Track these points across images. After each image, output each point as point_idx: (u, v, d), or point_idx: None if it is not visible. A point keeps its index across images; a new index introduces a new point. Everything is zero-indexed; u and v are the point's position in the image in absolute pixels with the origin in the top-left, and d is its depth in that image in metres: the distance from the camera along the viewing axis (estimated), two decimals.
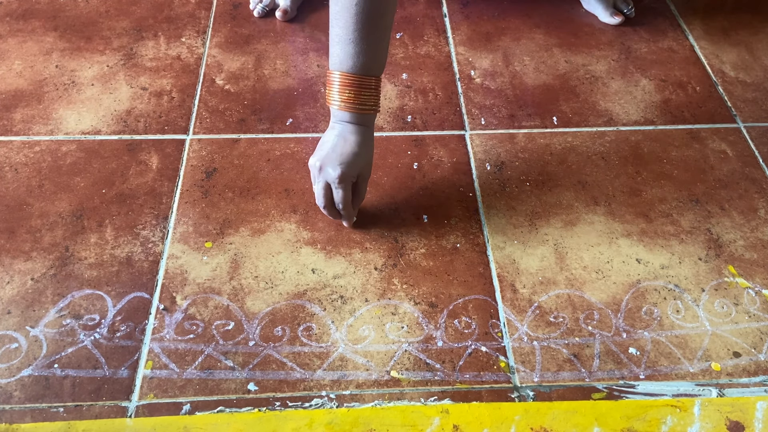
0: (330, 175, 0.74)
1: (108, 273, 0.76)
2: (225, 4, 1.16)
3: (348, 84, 0.72)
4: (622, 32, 1.13)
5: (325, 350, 0.71)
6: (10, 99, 0.97)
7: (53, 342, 0.70)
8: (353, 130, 0.74)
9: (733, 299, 0.76)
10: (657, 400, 0.67)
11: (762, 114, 0.98)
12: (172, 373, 0.68)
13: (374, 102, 0.74)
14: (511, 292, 0.76)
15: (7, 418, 0.65)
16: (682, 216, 0.84)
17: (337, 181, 0.74)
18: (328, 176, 0.74)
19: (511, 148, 0.92)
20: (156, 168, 0.88)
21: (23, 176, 0.87)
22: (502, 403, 0.67)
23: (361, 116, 0.74)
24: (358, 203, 0.79)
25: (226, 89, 1.00)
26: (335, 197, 0.76)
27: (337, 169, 0.73)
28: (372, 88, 0.73)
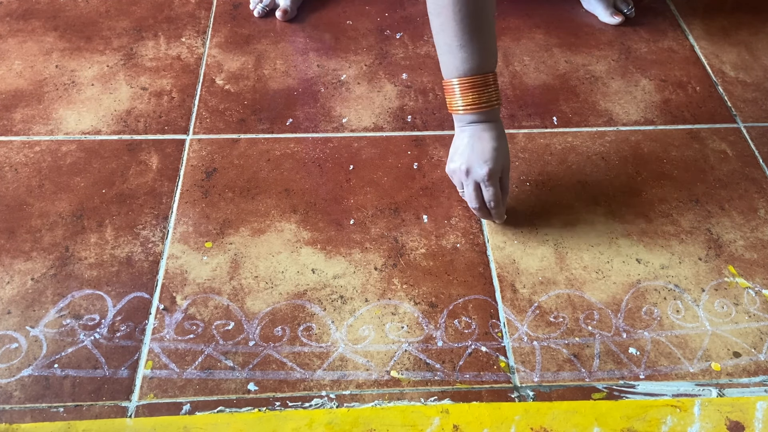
0: (479, 175, 0.75)
1: (108, 273, 0.76)
2: (225, 4, 1.16)
3: (469, 87, 0.74)
4: (622, 32, 1.13)
5: (325, 350, 0.71)
6: (10, 99, 0.97)
7: (53, 342, 0.70)
8: (485, 128, 0.75)
9: (733, 299, 0.76)
10: (657, 400, 0.67)
11: (762, 114, 0.98)
12: (172, 373, 0.68)
13: (497, 96, 0.75)
14: (511, 292, 0.76)
15: (7, 418, 0.65)
16: (682, 216, 0.84)
17: (487, 179, 0.75)
18: (476, 176, 0.76)
19: (511, 148, 0.92)
20: (156, 168, 0.88)
21: (23, 176, 0.87)
22: (502, 403, 0.67)
23: (488, 113, 0.75)
24: (506, 197, 0.80)
25: (226, 89, 1.00)
26: (486, 196, 0.77)
27: (484, 168, 0.74)
28: (492, 84, 0.74)
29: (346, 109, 0.97)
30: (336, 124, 0.95)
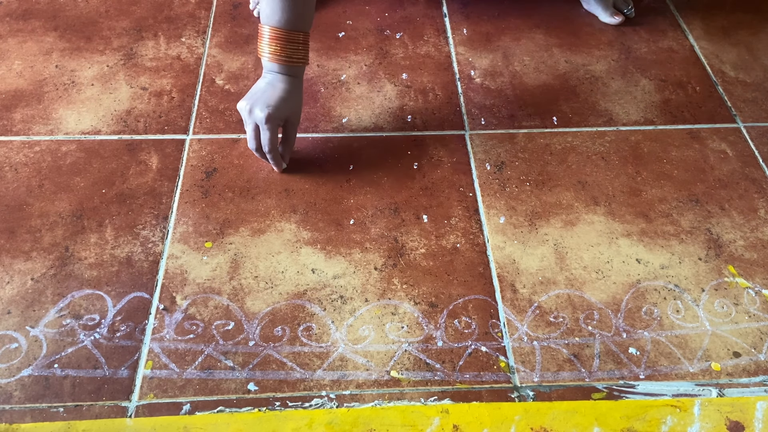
0: (258, 116, 0.80)
1: (108, 273, 0.76)
2: (225, 4, 1.16)
3: (275, 38, 0.79)
4: (622, 32, 1.13)
5: (325, 350, 0.71)
6: (10, 99, 0.97)
7: (53, 342, 0.70)
8: (282, 79, 0.81)
9: (733, 299, 0.76)
10: (657, 400, 0.67)
11: (762, 114, 0.98)
12: (172, 373, 0.68)
13: (302, 55, 0.81)
14: (511, 292, 0.76)
15: (7, 418, 0.65)
16: (682, 216, 0.84)
17: (264, 122, 0.80)
18: (256, 117, 0.80)
19: (511, 148, 0.92)
20: (156, 168, 0.88)
21: (23, 176, 0.87)
22: (502, 403, 0.67)
23: (289, 68, 0.81)
24: (288, 149, 0.86)
25: (226, 89, 1.00)
26: (262, 138, 0.82)
27: (264, 111, 0.79)
28: (299, 42, 0.80)
29: (346, 109, 0.97)
30: (336, 124, 0.95)
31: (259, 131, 0.82)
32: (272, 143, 0.82)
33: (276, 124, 0.81)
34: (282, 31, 0.79)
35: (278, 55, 0.80)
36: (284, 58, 0.80)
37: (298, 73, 0.82)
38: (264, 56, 0.81)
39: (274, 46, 0.79)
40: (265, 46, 0.80)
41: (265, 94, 0.80)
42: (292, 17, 0.78)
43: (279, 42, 0.79)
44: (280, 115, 0.80)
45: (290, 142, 0.85)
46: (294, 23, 0.79)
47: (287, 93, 0.81)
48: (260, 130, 0.81)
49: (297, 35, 0.80)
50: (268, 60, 0.80)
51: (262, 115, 0.79)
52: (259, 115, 0.80)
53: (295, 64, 0.81)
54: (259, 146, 0.83)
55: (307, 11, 0.80)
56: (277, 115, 0.80)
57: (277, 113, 0.80)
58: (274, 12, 0.78)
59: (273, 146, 0.82)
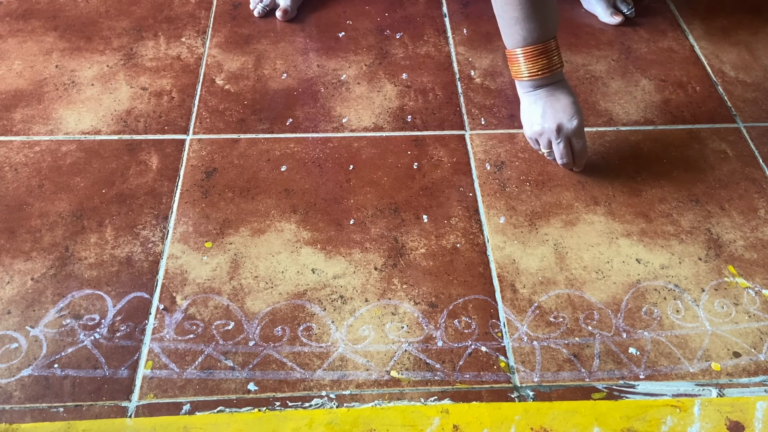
0: (569, 129, 0.81)
1: (108, 273, 0.76)
2: (225, 4, 1.16)
3: (537, 54, 0.79)
4: (622, 32, 1.13)
5: (325, 350, 0.71)
6: (10, 99, 0.97)
7: (53, 342, 0.70)
8: (557, 87, 0.81)
9: (733, 299, 0.76)
10: (657, 400, 0.67)
11: (762, 114, 0.98)
12: (172, 373, 0.68)
13: (559, 59, 0.81)
14: (511, 292, 0.76)
15: (7, 418, 0.65)
16: (682, 216, 0.84)
17: (579, 130, 0.81)
18: (568, 131, 0.81)
19: (511, 148, 0.92)
20: (156, 168, 0.88)
21: (23, 176, 0.87)
22: (502, 403, 0.67)
23: (555, 75, 0.81)
24: None
25: (226, 89, 1.00)
26: (578, 146, 0.82)
27: (574, 121, 0.80)
28: (554, 49, 0.80)
29: (346, 109, 0.97)
30: (336, 124, 0.95)
31: (570, 145, 0.82)
32: (586, 146, 0.84)
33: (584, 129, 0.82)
34: (541, 45, 0.79)
35: (546, 69, 0.80)
36: (552, 67, 0.80)
37: (563, 76, 0.82)
38: (532, 77, 0.80)
39: (540, 62, 0.79)
40: (530, 65, 0.80)
41: (557, 108, 0.80)
42: (547, 28, 0.78)
43: (542, 56, 0.79)
44: (583, 119, 0.81)
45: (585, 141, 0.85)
46: (549, 32, 0.79)
47: (572, 96, 0.81)
48: (572, 142, 0.82)
49: (550, 44, 0.80)
50: (536, 78, 0.80)
51: (573, 125, 0.80)
52: (570, 127, 0.80)
53: (560, 68, 0.81)
54: (570, 158, 0.84)
55: (555, 15, 0.80)
56: (582, 120, 0.81)
57: (582, 118, 0.81)
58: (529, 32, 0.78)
59: (586, 149, 0.84)
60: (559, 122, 0.80)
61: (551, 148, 0.84)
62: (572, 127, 0.80)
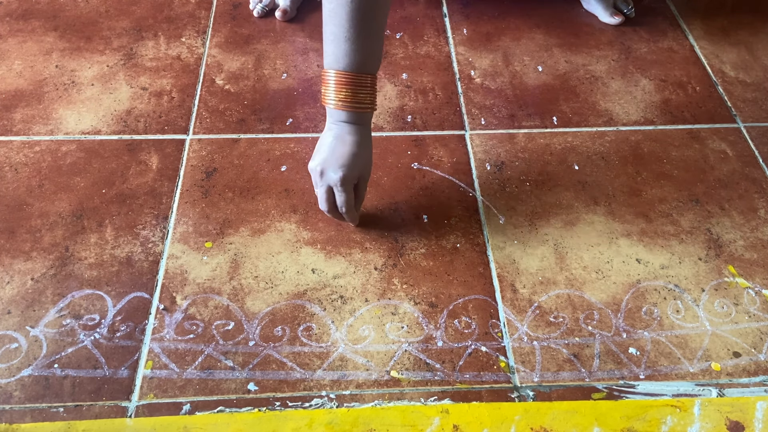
0: (332, 179, 0.73)
1: (108, 273, 0.76)
2: (225, 4, 1.16)
3: (344, 83, 0.71)
4: (622, 32, 1.13)
5: (325, 350, 0.71)
6: (10, 99, 0.97)
7: (53, 342, 0.70)
8: (351, 131, 0.73)
9: (733, 299, 0.76)
10: (657, 400, 0.67)
11: (762, 114, 0.98)
12: (172, 373, 0.68)
13: (371, 100, 0.73)
14: (511, 292, 0.76)
15: (7, 418, 0.65)
16: (682, 216, 0.84)
17: (339, 185, 0.73)
18: (329, 180, 0.74)
19: (511, 148, 0.92)
20: (156, 168, 0.88)
21: (23, 176, 0.87)
22: (502, 403, 0.67)
23: (358, 115, 0.73)
24: (359, 204, 0.79)
25: (226, 89, 1.00)
26: (338, 201, 0.75)
27: (338, 172, 0.73)
28: (368, 86, 0.72)
29: None
30: None
31: (333, 193, 0.75)
32: (349, 204, 0.76)
33: (351, 185, 0.74)
34: (350, 75, 0.71)
35: (347, 102, 0.72)
36: (354, 104, 0.72)
37: (367, 120, 0.75)
38: (329, 104, 0.73)
39: (342, 92, 0.71)
40: (332, 92, 0.72)
41: (336, 152, 0.73)
42: (362, 58, 0.71)
43: (347, 87, 0.71)
44: (355, 174, 0.74)
45: (361, 196, 0.78)
46: (363, 65, 0.71)
47: (358, 147, 0.73)
48: (335, 192, 0.75)
49: (365, 78, 0.72)
50: (335, 107, 0.73)
51: (336, 177, 0.73)
52: (332, 177, 0.73)
53: (364, 110, 0.73)
54: (332, 208, 0.77)
55: (377, 50, 0.73)
56: (351, 175, 0.73)
57: (350, 173, 0.73)
58: (342, 54, 0.70)
59: (350, 206, 0.76)
60: (323, 167, 0.73)
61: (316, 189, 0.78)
62: (335, 178, 0.73)
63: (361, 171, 0.75)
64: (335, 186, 0.74)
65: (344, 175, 0.73)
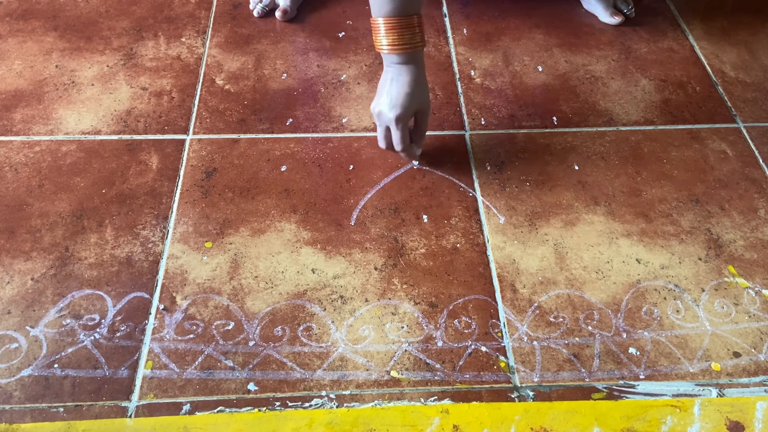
0: (387, 118, 0.80)
1: (108, 273, 0.76)
2: (225, 4, 1.16)
3: (392, 27, 0.76)
4: (622, 32, 1.13)
5: (325, 350, 0.71)
6: (10, 99, 0.97)
7: (53, 342, 0.70)
8: (403, 71, 0.79)
9: (733, 299, 0.76)
10: (657, 400, 0.67)
11: (762, 114, 0.98)
12: (172, 373, 0.68)
13: (419, 39, 0.78)
14: (511, 292, 0.76)
15: (7, 418, 0.65)
16: (682, 216, 0.84)
17: (395, 122, 0.79)
18: (385, 119, 0.80)
19: (511, 148, 0.92)
20: (156, 168, 0.88)
21: (23, 176, 0.87)
22: (502, 403, 0.67)
23: (408, 55, 0.78)
24: (421, 140, 0.85)
25: (226, 89, 1.00)
26: (393, 138, 0.81)
27: (392, 112, 0.79)
28: (415, 26, 0.77)
29: (346, 109, 0.97)
30: (336, 124, 0.95)
31: (390, 131, 0.81)
32: (404, 142, 0.81)
33: (405, 123, 0.80)
34: (397, 19, 0.76)
35: (397, 45, 0.77)
36: (404, 46, 0.77)
37: (418, 58, 0.79)
38: (383, 49, 0.78)
39: (391, 36, 0.77)
40: (383, 38, 0.77)
41: (391, 92, 0.79)
42: (406, 2, 0.76)
43: (396, 31, 0.77)
44: (408, 112, 0.80)
45: (422, 130, 0.84)
46: (407, 8, 0.76)
47: (412, 85, 0.79)
48: (391, 131, 0.81)
49: (412, 19, 0.77)
50: (388, 52, 0.78)
51: (391, 115, 0.79)
52: (387, 116, 0.79)
53: (414, 49, 0.78)
54: (389, 145, 0.83)
55: None
56: (405, 113, 0.79)
57: (404, 111, 0.79)
58: (388, 2, 0.75)
59: (405, 144, 0.82)
60: (380, 108, 0.80)
61: None
62: (390, 116, 0.79)
63: (418, 106, 0.81)
64: (390, 124, 0.80)
65: (398, 114, 0.79)
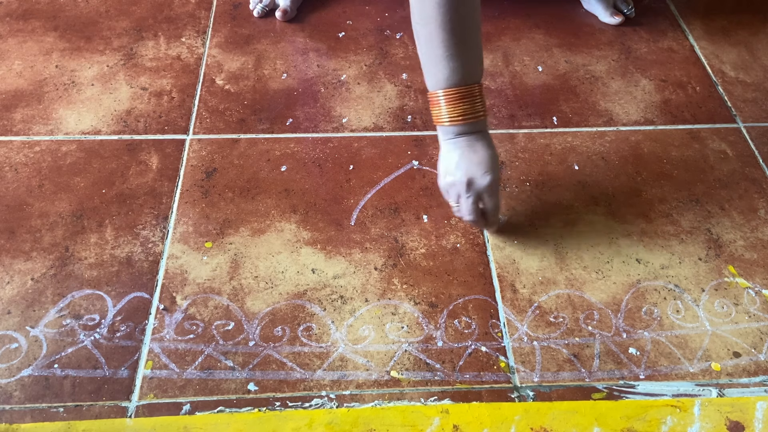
0: (481, 185, 0.73)
1: (108, 273, 0.76)
2: (225, 4, 1.16)
3: (460, 97, 0.71)
4: (622, 32, 1.13)
5: (325, 350, 0.71)
6: (10, 99, 0.97)
7: (53, 342, 0.70)
8: (477, 138, 0.73)
9: (733, 299, 0.76)
10: (657, 400, 0.67)
11: (762, 114, 0.98)
12: (172, 373, 0.68)
13: (483, 107, 0.73)
14: (511, 292, 0.76)
15: (7, 418, 0.65)
16: (682, 216, 0.84)
17: (491, 189, 0.73)
18: (479, 187, 0.73)
19: (511, 148, 0.92)
20: (156, 168, 0.88)
21: (23, 176, 0.87)
22: (502, 403, 0.67)
23: (477, 124, 0.73)
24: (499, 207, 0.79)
25: (226, 89, 1.00)
26: (489, 205, 0.75)
27: (487, 177, 0.73)
28: (478, 95, 0.73)
29: (346, 109, 0.97)
30: (336, 124, 0.95)
31: (478, 202, 0.75)
32: (498, 206, 0.76)
33: (498, 187, 0.75)
34: (465, 88, 0.71)
35: (467, 115, 0.72)
36: (474, 115, 0.72)
37: (485, 126, 0.74)
38: (452, 123, 0.72)
39: (461, 107, 0.71)
40: (451, 110, 0.72)
41: (474, 160, 0.73)
42: (472, 70, 0.71)
43: (465, 101, 0.71)
44: (498, 176, 0.74)
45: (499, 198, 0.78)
46: (471, 76, 0.72)
47: (491, 149, 0.73)
48: (485, 198, 0.74)
49: (475, 88, 0.72)
50: (456, 124, 0.72)
51: (486, 181, 0.72)
52: (482, 183, 0.73)
53: (480, 118, 0.73)
54: (480, 216, 0.76)
55: (480, 56, 0.73)
56: (498, 177, 0.74)
57: (497, 175, 0.73)
58: (452, 72, 0.70)
59: (498, 209, 0.77)
60: (471, 176, 0.73)
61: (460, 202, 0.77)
62: (484, 184, 0.73)
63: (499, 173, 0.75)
64: (486, 191, 0.74)
65: (493, 178, 0.73)
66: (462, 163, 0.73)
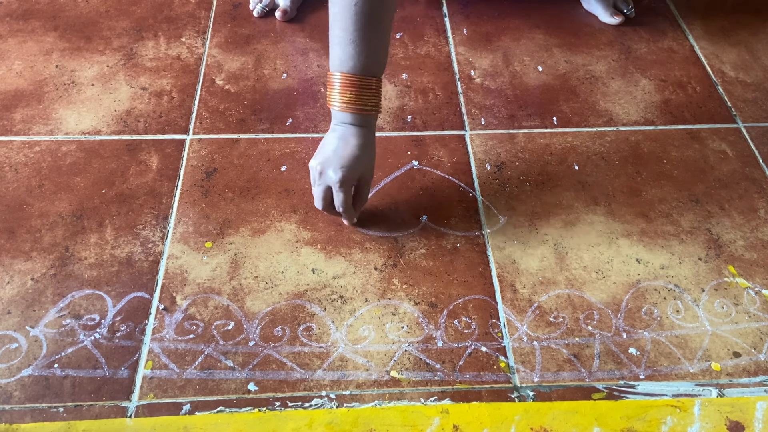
0: (331, 179, 0.74)
1: (108, 273, 0.76)
2: (225, 4, 1.16)
3: (349, 85, 0.72)
4: (622, 32, 1.13)
5: (325, 350, 0.71)
6: (10, 99, 0.97)
7: (53, 342, 0.70)
8: (354, 132, 0.74)
9: (733, 299, 0.76)
10: (657, 400, 0.67)
11: (762, 114, 0.98)
12: (172, 373, 0.68)
13: (375, 102, 0.74)
14: (511, 292, 0.76)
15: (7, 418, 0.65)
16: (682, 216, 0.84)
17: (338, 185, 0.73)
18: (329, 179, 0.74)
19: (511, 148, 0.92)
20: (156, 168, 0.88)
21: (23, 176, 0.87)
22: (502, 403, 0.67)
23: (362, 117, 0.74)
24: (361, 205, 0.79)
25: (226, 89, 1.00)
26: (336, 200, 0.76)
27: (338, 173, 0.73)
28: (373, 89, 0.73)
29: None
30: None
31: (331, 192, 0.76)
32: (346, 204, 0.76)
33: (350, 186, 0.75)
34: (356, 77, 0.72)
35: (352, 104, 0.72)
36: (358, 106, 0.72)
37: (371, 123, 0.75)
38: (335, 106, 0.73)
39: (347, 94, 0.72)
40: (337, 94, 0.72)
41: (338, 152, 0.73)
42: (367, 61, 0.71)
43: (353, 89, 0.72)
44: (355, 175, 0.74)
45: (363, 198, 0.78)
46: (369, 68, 0.72)
47: (361, 149, 0.73)
48: (333, 192, 0.75)
49: (371, 81, 0.72)
50: (340, 110, 0.73)
51: (336, 177, 0.73)
52: (332, 177, 0.73)
53: (368, 112, 0.74)
54: (328, 206, 0.77)
55: (383, 53, 0.73)
56: (351, 176, 0.74)
57: (351, 174, 0.73)
58: (347, 57, 0.71)
59: (348, 206, 0.76)
60: (324, 166, 0.74)
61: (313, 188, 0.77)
62: (334, 178, 0.73)
63: (362, 173, 0.75)
64: (333, 186, 0.74)
65: (344, 176, 0.73)
66: (326, 151, 0.74)
